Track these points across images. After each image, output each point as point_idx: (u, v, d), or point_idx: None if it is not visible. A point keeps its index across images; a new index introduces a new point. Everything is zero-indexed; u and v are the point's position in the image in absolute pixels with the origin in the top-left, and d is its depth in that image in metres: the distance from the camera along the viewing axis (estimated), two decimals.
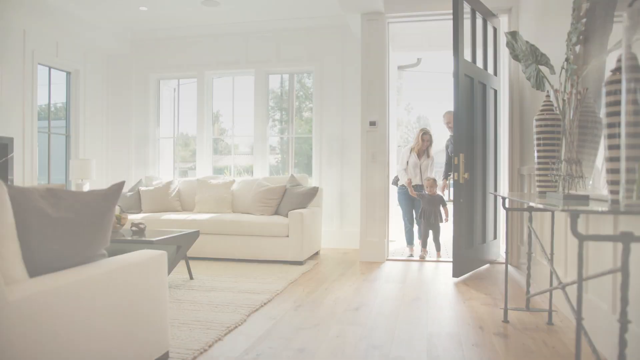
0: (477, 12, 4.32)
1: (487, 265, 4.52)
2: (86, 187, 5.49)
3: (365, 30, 4.87)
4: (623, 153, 1.52)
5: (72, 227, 1.71)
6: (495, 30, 4.67)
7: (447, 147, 5.45)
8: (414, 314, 2.94)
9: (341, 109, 5.78)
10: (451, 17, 4.73)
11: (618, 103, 1.59)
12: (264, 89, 6.06)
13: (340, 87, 5.80)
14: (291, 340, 2.44)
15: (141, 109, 6.46)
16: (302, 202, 4.84)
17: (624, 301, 1.43)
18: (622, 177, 1.52)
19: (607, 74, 1.68)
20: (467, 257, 4.06)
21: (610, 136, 1.64)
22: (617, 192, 1.59)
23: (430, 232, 5.06)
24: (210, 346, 2.35)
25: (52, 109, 5.92)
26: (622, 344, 1.44)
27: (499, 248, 4.82)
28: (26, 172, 5.20)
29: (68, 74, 6.04)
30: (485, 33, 4.54)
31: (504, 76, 4.82)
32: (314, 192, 4.90)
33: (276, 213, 4.95)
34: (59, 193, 1.76)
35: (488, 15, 4.50)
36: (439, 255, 5.02)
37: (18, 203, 1.59)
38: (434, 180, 5.05)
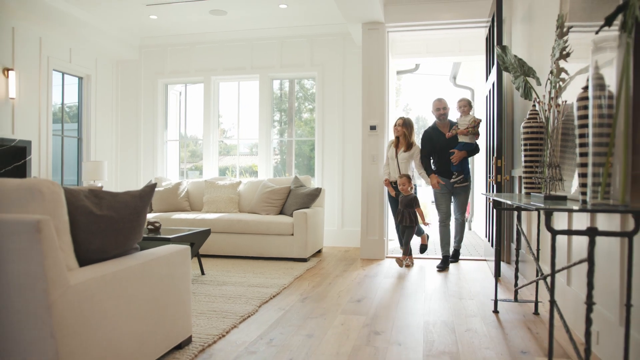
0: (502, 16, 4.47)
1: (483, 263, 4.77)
2: None
3: (366, 39, 5.12)
4: (590, 159, 1.77)
5: (112, 223, 1.95)
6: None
7: (428, 139, 4.78)
8: (412, 306, 3.19)
9: (342, 113, 6.03)
10: (448, 27, 5.03)
11: (587, 116, 1.84)
12: (268, 93, 6.31)
13: (341, 92, 6.05)
14: (300, 328, 2.69)
15: (149, 113, 6.70)
16: (305, 202, 5.08)
17: (590, 286, 1.68)
18: (589, 180, 1.77)
19: (579, 91, 1.93)
20: (481, 257, 4.28)
21: (581, 145, 1.89)
22: (586, 193, 1.85)
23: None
24: (227, 332, 2.59)
25: (65, 112, 6.15)
26: (588, 322, 1.69)
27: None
28: (42, 173, 5.44)
29: (80, 79, 6.29)
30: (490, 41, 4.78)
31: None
32: (317, 192, 5.14)
33: (281, 213, 5.20)
34: (100, 194, 2.00)
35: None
36: (409, 260, 4.61)
37: (68, 202, 1.84)
38: (407, 177, 4.58)
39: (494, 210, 4.07)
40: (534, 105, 2.86)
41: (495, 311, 3.01)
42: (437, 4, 4.96)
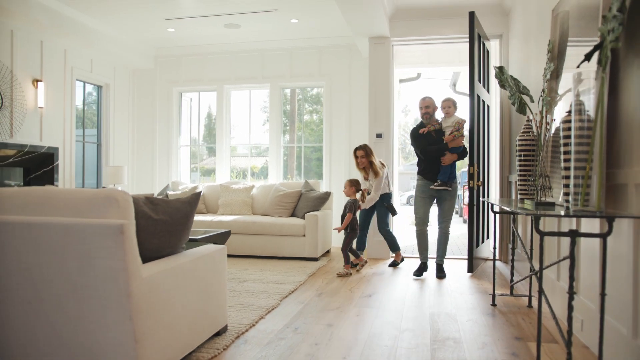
0: (480, 37, 4.88)
1: (482, 263, 5.11)
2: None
3: (372, 53, 5.47)
4: (572, 172, 2.12)
5: (167, 226, 2.29)
6: (488, 52, 5.27)
7: (415, 138, 4.58)
8: (418, 300, 3.53)
9: (348, 120, 6.38)
10: (450, 41, 5.37)
11: (570, 136, 2.18)
12: (278, 101, 6.65)
13: (348, 101, 6.39)
14: (320, 318, 3.03)
15: (164, 119, 7.04)
16: (316, 205, 5.42)
17: (571, 278, 2.02)
18: (571, 190, 2.12)
19: (564, 114, 2.27)
20: (477, 255, 4.62)
21: (565, 160, 2.24)
22: (569, 201, 2.19)
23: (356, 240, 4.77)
24: (256, 322, 2.93)
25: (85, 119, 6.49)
26: (570, 308, 2.03)
27: (489, 246, 5.41)
28: (66, 178, 5.78)
29: (99, 87, 6.62)
30: (482, 54, 5.12)
31: (496, 93, 5.42)
32: (326, 196, 5.48)
33: (292, 215, 5.54)
34: (155, 200, 2.34)
35: (484, 38, 5.09)
36: (346, 268, 4.45)
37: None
38: (348, 181, 4.67)
39: (469, 212, 4.42)
40: (528, 121, 3.21)
41: (493, 304, 3.35)
42: (438, 20, 5.31)
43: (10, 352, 1.99)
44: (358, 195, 4.72)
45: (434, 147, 4.44)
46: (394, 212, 5.02)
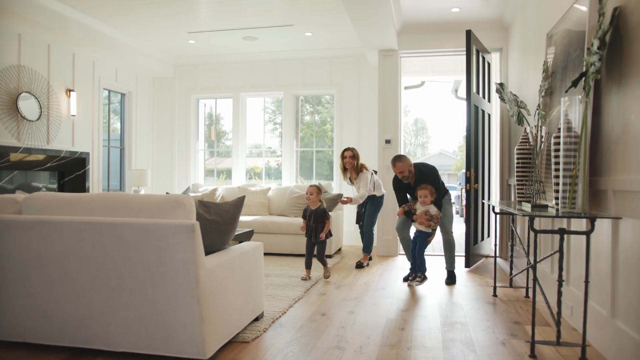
0: (479, 51, 5.29)
1: (482, 259, 5.52)
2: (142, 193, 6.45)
3: (381, 64, 5.88)
4: (561, 180, 2.53)
5: (218, 226, 2.69)
6: (489, 64, 5.67)
7: (399, 189, 4.46)
8: (427, 291, 3.94)
9: (357, 126, 6.79)
10: (453, 54, 5.77)
11: (559, 150, 2.59)
12: (291, 108, 7.05)
13: (357, 108, 6.80)
14: (342, 307, 3.44)
15: (183, 125, 7.45)
16: (328, 206, 5.80)
17: (560, 268, 2.43)
18: (560, 194, 2.53)
19: (555, 130, 2.68)
20: (474, 252, 5.03)
21: (555, 169, 2.65)
22: (558, 204, 2.60)
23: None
24: (287, 310, 3.33)
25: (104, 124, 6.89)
26: (559, 294, 2.44)
27: (490, 244, 5.82)
28: (94, 181, 6.18)
29: (123, 95, 7.03)
30: (482, 66, 5.53)
31: (495, 102, 5.82)
32: (338, 198, 5.88)
33: None
34: (207, 204, 2.74)
35: (484, 52, 5.50)
36: (326, 271, 4.47)
37: None
38: (316, 188, 4.45)
39: (466, 213, 4.81)
40: (525, 132, 3.61)
41: (494, 295, 3.76)
42: (443, 34, 5.72)
43: (95, 331, 2.39)
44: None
45: (407, 210, 4.26)
46: (357, 220, 5.33)
